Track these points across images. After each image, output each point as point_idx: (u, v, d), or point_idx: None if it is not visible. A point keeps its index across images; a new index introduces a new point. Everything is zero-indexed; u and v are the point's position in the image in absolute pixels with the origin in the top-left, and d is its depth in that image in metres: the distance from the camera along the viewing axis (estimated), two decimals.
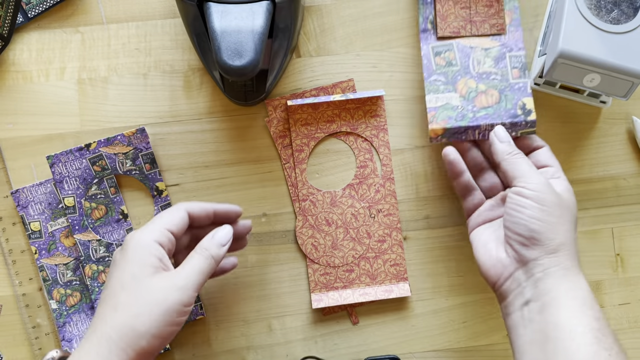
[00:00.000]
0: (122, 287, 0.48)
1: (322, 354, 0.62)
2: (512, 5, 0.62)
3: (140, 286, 0.48)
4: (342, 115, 0.63)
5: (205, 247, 0.52)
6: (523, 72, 0.61)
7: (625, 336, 0.63)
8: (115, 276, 0.49)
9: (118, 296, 0.48)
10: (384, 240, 0.62)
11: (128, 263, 0.49)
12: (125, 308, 0.47)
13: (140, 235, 0.50)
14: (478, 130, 0.59)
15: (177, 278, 0.49)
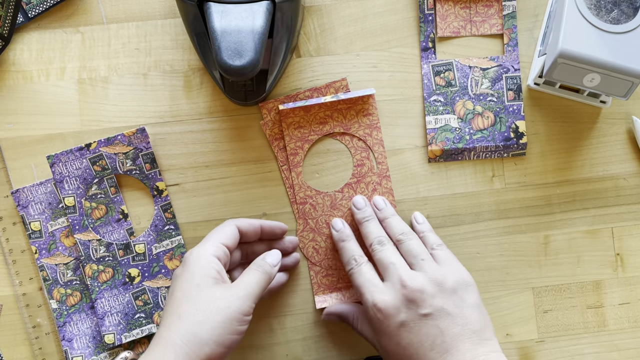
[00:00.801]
0: (185, 297, 0.51)
1: (322, 354, 0.62)
2: (510, 24, 0.63)
3: (203, 295, 0.50)
4: (335, 116, 0.63)
5: (259, 265, 0.55)
6: (517, 95, 0.62)
7: (626, 336, 0.63)
8: (178, 288, 0.52)
9: (182, 305, 0.50)
10: None
11: (190, 275, 0.52)
12: (189, 316, 0.50)
13: (199, 250, 0.53)
14: (474, 152, 0.63)
15: (237, 289, 0.52)
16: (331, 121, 0.63)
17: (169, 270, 0.62)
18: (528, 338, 0.63)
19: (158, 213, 0.62)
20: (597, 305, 0.63)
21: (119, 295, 0.61)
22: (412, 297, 0.51)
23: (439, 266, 0.54)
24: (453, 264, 0.55)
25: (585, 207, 0.63)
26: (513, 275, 0.63)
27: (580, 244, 0.63)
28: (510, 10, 0.63)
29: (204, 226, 0.62)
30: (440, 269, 0.54)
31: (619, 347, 0.63)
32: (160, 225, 0.62)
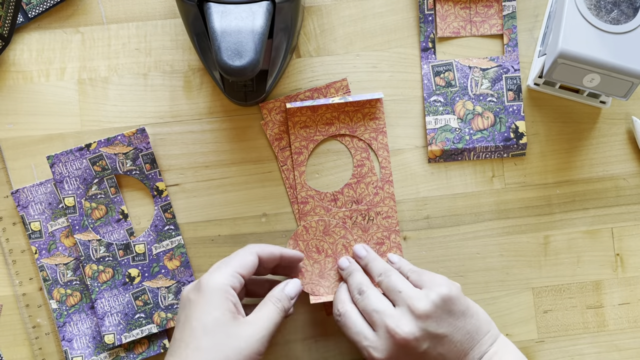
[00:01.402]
0: (204, 330, 0.49)
1: (322, 354, 0.62)
2: (510, 25, 0.63)
3: (223, 332, 0.50)
4: (341, 117, 0.62)
5: (278, 298, 0.54)
6: (517, 95, 0.62)
7: (625, 336, 0.63)
8: (194, 317, 0.50)
9: (200, 339, 0.49)
10: (383, 243, 0.62)
11: (208, 306, 0.50)
12: (207, 352, 0.49)
13: (217, 278, 0.52)
14: (474, 153, 0.63)
15: (255, 327, 0.51)
16: (337, 122, 0.62)
17: (168, 271, 0.62)
18: (528, 338, 0.63)
19: (158, 213, 0.62)
20: (597, 306, 0.63)
21: (119, 296, 0.61)
22: (405, 344, 0.52)
23: (418, 291, 0.54)
24: (430, 280, 0.54)
25: (585, 208, 0.63)
26: (513, 276, 0.63)
27: (580, 244, 0.63)
28: (510, 10, 0.63)
29: (203, 226, 0.63)
30: (419, 293, 0.53)
31: (619, 347, 0.63)
32: (160, 225, 0.62)
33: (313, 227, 0.61)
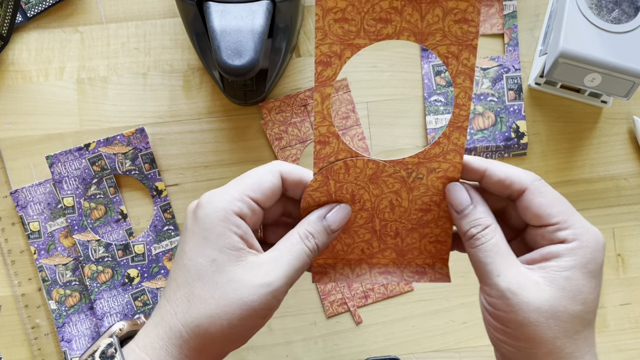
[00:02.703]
0: (197, 273, 0.38)
1: (322, 355, 0.62)
2: (511, 24, 0.63)
3: (219, 278, 0.38)
4: (407, 12, 0.39)
5: (311, 232, 0.41)
6: (518, 94, 0.62)
7: (626, 337, 0.63)
8: (189, 254, 0.39)
9: (192, 284, 0.38)
10: (429, 210, 0.44)
11: (204, 241, 0.39)
12: (201, 303, 0.38)
13: (216, 202, 0.39)
14: (474, 152, 0.62)
15: (269, 274, 0.38)
16: (398, 19, 0.40)
17: (168, 271, 0.62)
18: None
19: (157, 213, 0.62)
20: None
21: (118, 296, 0.61)
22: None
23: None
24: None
25: (586, 208, 0.63)
26: None
27: None
28: (511, 9, 0.63)
29: None
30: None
31: (620, 348, 0.62)
32: (159, 225, 0.62)
33: (358, 167, 0.43)
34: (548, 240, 0.40)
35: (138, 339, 0.40)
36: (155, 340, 0.39)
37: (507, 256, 0.39)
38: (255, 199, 0.40)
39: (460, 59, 0.40)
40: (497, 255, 0.39)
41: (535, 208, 0.40)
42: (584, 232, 0.40)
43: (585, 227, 0.40)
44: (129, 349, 0.40)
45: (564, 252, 0.39)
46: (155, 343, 0.39)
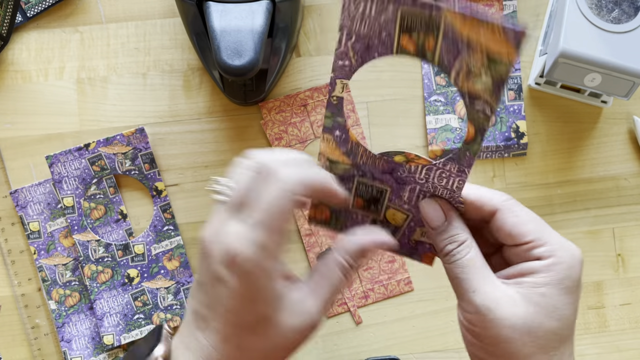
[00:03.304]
0: (248, 329, 0.37)
1: (322, 355, 0.62)
2: None
3: (270, 331, 0.37)
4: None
5: (345, 259, 0.39)
6: (518, 94, 0.62)
7: (627, 337, 0.63)
8: (233, 311, 0.37)
9: (243, 338, 0.37)
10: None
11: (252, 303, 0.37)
12: (253, 351, 0.38)
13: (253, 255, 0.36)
14: None
15: (309, 313, 0.38)
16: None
17: (168, 271, 0.62)
18: None
19: (157, 213, 0.62)
20: (598, 306, 0.63)
21: (118, 296, 0.61)
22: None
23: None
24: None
25: (586, 208, 0.63)
26: None
27: (581, 244, 0.63)
28: (511, 9, 0.63)
29: (203, 226, 0.62)
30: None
31: (620, 348, 0.62)
32: (159, 225, 0.62)
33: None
34: (523, 259, 0.40)
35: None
36: None
37: (482, 271, 0.39)
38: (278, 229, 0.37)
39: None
40: (473, 271, 0.39)
41: (508, 228, 0.40)
42: (558, 247, 0.39)
43: (560, 242, 0.39)
44: None
45: (539, 269, 0.39)
46: None
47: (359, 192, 0.43)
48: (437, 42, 0.35)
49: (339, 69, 0.38)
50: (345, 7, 0.36)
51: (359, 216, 0.43)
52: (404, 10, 0.35)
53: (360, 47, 0.37)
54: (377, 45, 0.36)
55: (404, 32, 0.36)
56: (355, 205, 0.43)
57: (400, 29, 0.35)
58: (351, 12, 0.36)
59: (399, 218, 0.43)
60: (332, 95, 0.39)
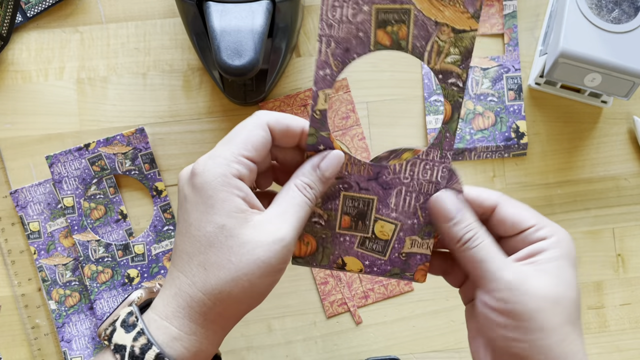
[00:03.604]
0: (208, 241, 0.39)
1: (322, 355, 0.62)
2: (511, 24, 0.63)
3: (233, 242, 0.38)
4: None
5: (307, 183, 0.41)
6: (518, 94, 0.62)
7: (627, 337, 0.63)
8: (195, 224, 0.39)
9: (206, 252, 0.39)
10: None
11: (209, 209, 0.39)
12: (219, 270, 0.38)
13: (214, 169, 0.39)
14: (474, 153, 0.62)
15: (280, 230, 0.39)
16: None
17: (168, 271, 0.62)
18: None
19: (157, 213, 0.62)
20: (598, 306, 0.63)
21: (118, 296, 0.61)
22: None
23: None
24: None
25: (586, 208, 0.63)
26: None
27: (581, 244, 0.63)
28: (511, 9, 0.63)
29: None
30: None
31: (620, 348, 0.62)
32: (159, 225, 0.62)
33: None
34: (528, 242, 0.41)
35: (157, 308, 0.40)
36: (177, 310, 0.39)
37: (502, 253, 0.41)
38: (249, 157, 0.40)
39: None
40: (496, 253, 0.40)
41: (511, 217, 0.42)
42: (557, 229, 0.42)
43: (555, 226, 0.42)
44: (149, 318, 0.40)
45: (548, 246, 0.40)
46: (177, 312, 0.39)
47: (345, 209, 0.43)
48: (409, 30, 0.39)
49: (320, 80, 0.40)
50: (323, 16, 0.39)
51: (346, 239, 0.44)
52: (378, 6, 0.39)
53: (339, 51, 0.40)
54: (355, 45, 0.40)
55: (379, 28, 0.39)
56: (342, 225, 0.44)
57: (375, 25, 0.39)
58: (328, 20, 0.39)
59: (387, 230, 0.44)
60: (315, 109, 0.41)
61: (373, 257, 0.44)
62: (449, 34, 0.39)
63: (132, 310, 0.40)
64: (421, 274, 0.45)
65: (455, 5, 0.39)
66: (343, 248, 0.44)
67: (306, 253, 0.44)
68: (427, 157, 0.42)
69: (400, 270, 0.44)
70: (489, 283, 0.40)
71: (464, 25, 0.39)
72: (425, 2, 0.39)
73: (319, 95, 0.40)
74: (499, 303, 0.39)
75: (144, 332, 0.39)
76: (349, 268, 0.44)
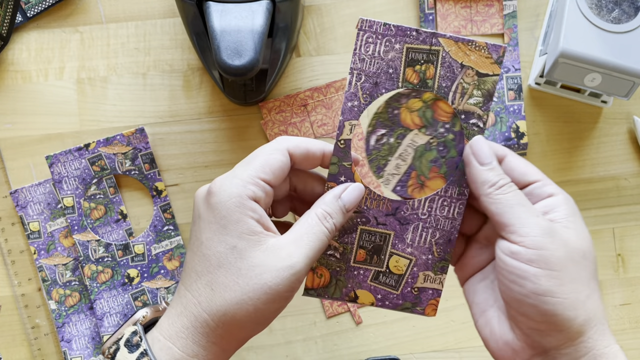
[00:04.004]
0: (218, 261, 0.38)
1: (322, 355, 0.62)
2: (511, 24, 0.63)
3: (242, 264, 0.38)
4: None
5: (328, 213, 0.40)
6: (518, 94, 0.62)
7: (627, 337, 0.63)
8: (207, 244, 0.39)
9: (214, 272, 0.38)
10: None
11: (223, 229, 0.38)
12: (225, 291, 0.38)
13: (231, 188, 0.39)
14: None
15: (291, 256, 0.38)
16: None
17: (168, 271, 0.62)
18: None
19: (157, 213, 0.62)
20: None
21: (118, 296, 0.61)
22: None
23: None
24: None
25: (586, 208, 0.63)
26: None
27: None
28: (511, 9, 0.63)
29: None
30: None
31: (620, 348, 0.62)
32: (159, 225, 0.62)
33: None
34: (537, 195, 0.41)
35: (161, 327, 0.40)
36: (181, 330, 0.39)
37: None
38: (266, 180, 0.40)
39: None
40: (528, 201, 0.40)
41: (519, 167, 0.42)
42: (559, 188, 0.42)
43: (556, 185, 0.42)
44: (153, 337, 0.40)
45: (559, 203, 0.40)
46: (181, 332, 0.39)
47: (361, 243, 0.44)
48: (436, 70, 0.42)
49: (348, 110, 0.42)
50: (357, 50, 0.41)
51: (360, 272, 0.44)
52: (409, 46, 0.41)
53: (368, 85, 0.42)
54: (384, 81, 0.42)
55: (408, 66, 0.42)
56: (357, 259, 0.44)
57: (405, 63, 0.42)
58: (361, 55, 0.41)
59: (401, 265, 0.44)
60: (340, 138, 0.42)
61: (386, 290, 0.44)
62: (473, 76, 0.42)
63: (136, 329, 0.40)
64: (432, 308, 0.45)
65: (480, 51, 0.41)
66: (356, 281, 0.44)
67: (319, 285, 0.44)
68: (445, 194, 0.43)
69: (411, 304, 0.45)
70: (521, 228, 0.38)
71: (487, 70, 0.42)
72: (453, 45, 0.41)
73: (344, 126, 0.42)
74: (531, 251, 0.38)
75: (147, 353, 0.39)
76: (360, 301, 0.44)
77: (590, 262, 0.39)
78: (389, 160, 0.43)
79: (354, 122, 0.42)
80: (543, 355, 0.39)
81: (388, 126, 0.43)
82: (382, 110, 0.43)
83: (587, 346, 0.38)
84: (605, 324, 0.39)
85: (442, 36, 0.41)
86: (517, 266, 0.38)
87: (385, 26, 0.41)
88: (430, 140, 0.43)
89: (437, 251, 0.43)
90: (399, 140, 0.43)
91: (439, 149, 0.43)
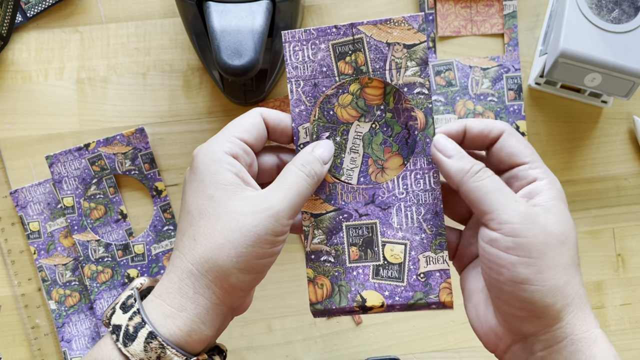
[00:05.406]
0: (199, 213, 0.39)
1: (322, 355, 0.62)
2: (511, 24, 0.63)
3: (220, 211, 0.39)
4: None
5: (305, 160, 0.41)
6: (518, 94, 0.62)
7: (627, 337, 0.63)
8: (189, 200, 0.40)
9: (196, 224, 0.39)
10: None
11: (201, 183, 0.40)
12: (206, 239, 0.39)
13: (208, 147, 0.40)
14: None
15: (267, 199, 0.39)
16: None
17: None
18: None
19: (157, 213, 0.62)
20: (598, 306, 0.63)
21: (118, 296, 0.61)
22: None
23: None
24: None
25: (586, 208, 0.63)
26: None
27: (582, 244, 0.63)
28: (511, 9, 0.63)
29: None
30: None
31: (621, 348, 0.62)
32: (159, 225, 0.62)
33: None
34: (522, 178, 0.41)
35: (154, 289, 0.41)
36: (169, 286, 0.40)
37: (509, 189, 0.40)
38: (242, 139, 0.41)
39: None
40: (505, 186, 0.40)
41: (510, 147, 0.41)
42: (548, 172, 0.41)
43: (547, 169, 0.41)
44: (147, 299, 0.41)
45: (544, 187, 0.40)
46: (169, 288, 0.40)
47: (351, 240, 0.44)
48: (366, 56, 0.44)
49: (297, 116, 0.44)
50: (288, 61, 0.44)
51: (360, 272, 0.44)
52: (333, 42, 0.44)
53: (308, 88, 0.44)
54: (322, 80, 0.44)
55: (339, 60, 0.44)
56: (351, 258, 0.44)
57: (335, 58, 0.44)
58: (293, 63, 0.44)
59: (397, 251, 0.44)
60: (299, 144, 0.44)
61: (391, 285, 0.44)
62: (402, 50, 0.43)
63: (131, 293, 0.41)
64: (446, 292, 0.43)
65: (400, 25, 0.43)
66: (358, 282, 0.44)
67: (323, 297, 0.44)
68: (415, 167, 0.43)
69: (423, 294, 0.43)
70: (500, 215, 0.38)
71: (413, 40, 0.43)
72: (374, 29, 0.43)
73: (299, 131, 0.44)
74: (509, 238, 0.38)
75: (139, 311, 0.39)
76: (369, 304, 0.43)
77: (570, 248, 0.38)
78: (343, 158, 0.44)
79: (306, 125, 0.44)
80: (523, 341, 0.39)
81: (329, 127, 0.44)
82: (319, 115, 0.44)
83: (564, 332, 0.38)
84: (587, 309, 0.39)
85: (360, 24, 0.43)
86: (495, 254, 0.38)
87: (306, 31, 0.44)
88: (372, 126, 0.44)
89: (429, 227, 0.43)
90: (344, 136, 0.44)
91: (384, 129, 0.44)
